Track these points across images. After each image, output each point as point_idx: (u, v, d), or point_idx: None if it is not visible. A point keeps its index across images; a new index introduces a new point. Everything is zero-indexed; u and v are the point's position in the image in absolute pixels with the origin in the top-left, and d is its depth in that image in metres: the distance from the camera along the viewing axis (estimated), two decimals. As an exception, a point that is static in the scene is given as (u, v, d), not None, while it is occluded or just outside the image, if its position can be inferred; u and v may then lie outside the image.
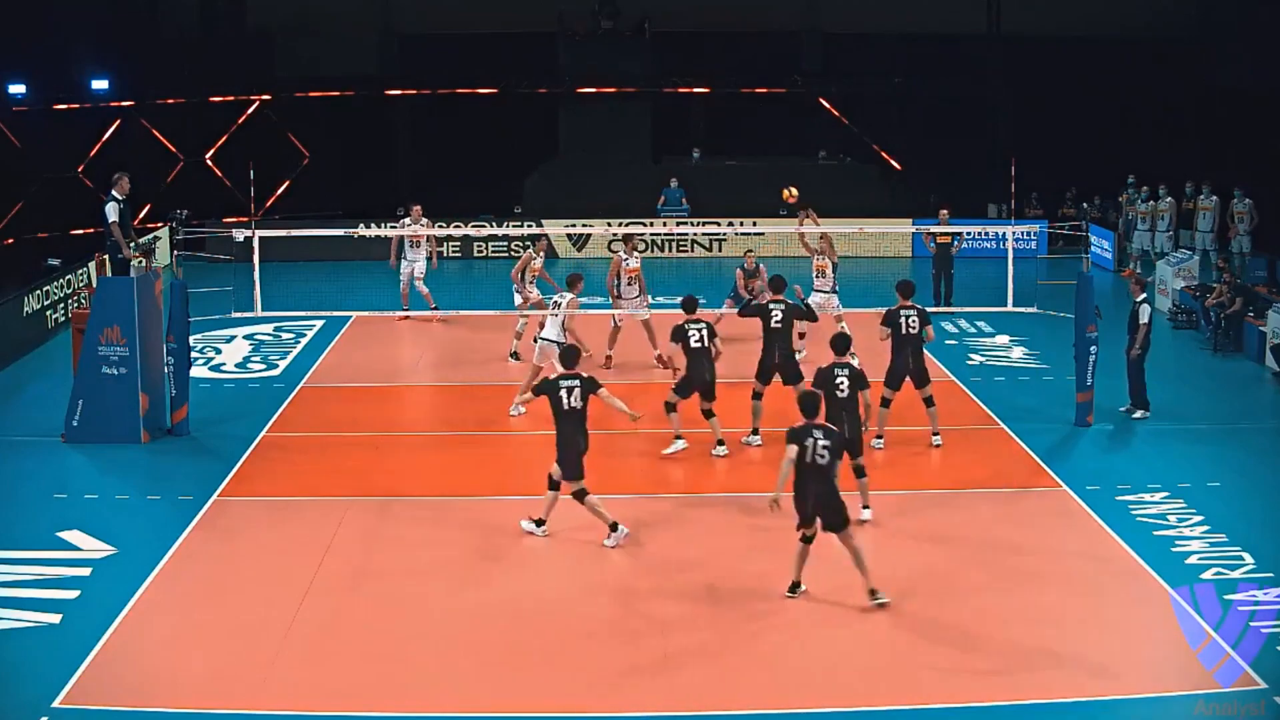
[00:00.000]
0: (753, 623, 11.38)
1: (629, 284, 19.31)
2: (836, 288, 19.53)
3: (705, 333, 15.31)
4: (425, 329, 21.32)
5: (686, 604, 11.70)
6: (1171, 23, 32.67)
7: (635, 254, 19.51)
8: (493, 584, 12.23)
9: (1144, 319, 16.80)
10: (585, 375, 12.83)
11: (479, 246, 29.88)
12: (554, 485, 12.86)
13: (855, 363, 13.56)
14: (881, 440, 15.73)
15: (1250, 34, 30.38)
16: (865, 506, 13.33)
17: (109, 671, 10.51)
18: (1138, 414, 17.01)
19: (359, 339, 21.53)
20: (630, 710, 10.05)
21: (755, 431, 15.83)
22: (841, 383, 13.08)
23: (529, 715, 10.08)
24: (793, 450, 11.31)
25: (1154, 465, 15.38)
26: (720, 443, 15.48)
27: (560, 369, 12.88)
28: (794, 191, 20.15)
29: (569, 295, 17.12)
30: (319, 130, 33.10)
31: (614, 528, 12.77)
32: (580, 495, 12.75)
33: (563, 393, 12.61)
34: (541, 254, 19.75)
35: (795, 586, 11.69)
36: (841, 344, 13.42)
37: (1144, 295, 17.10)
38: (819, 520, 11.46)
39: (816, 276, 19.57)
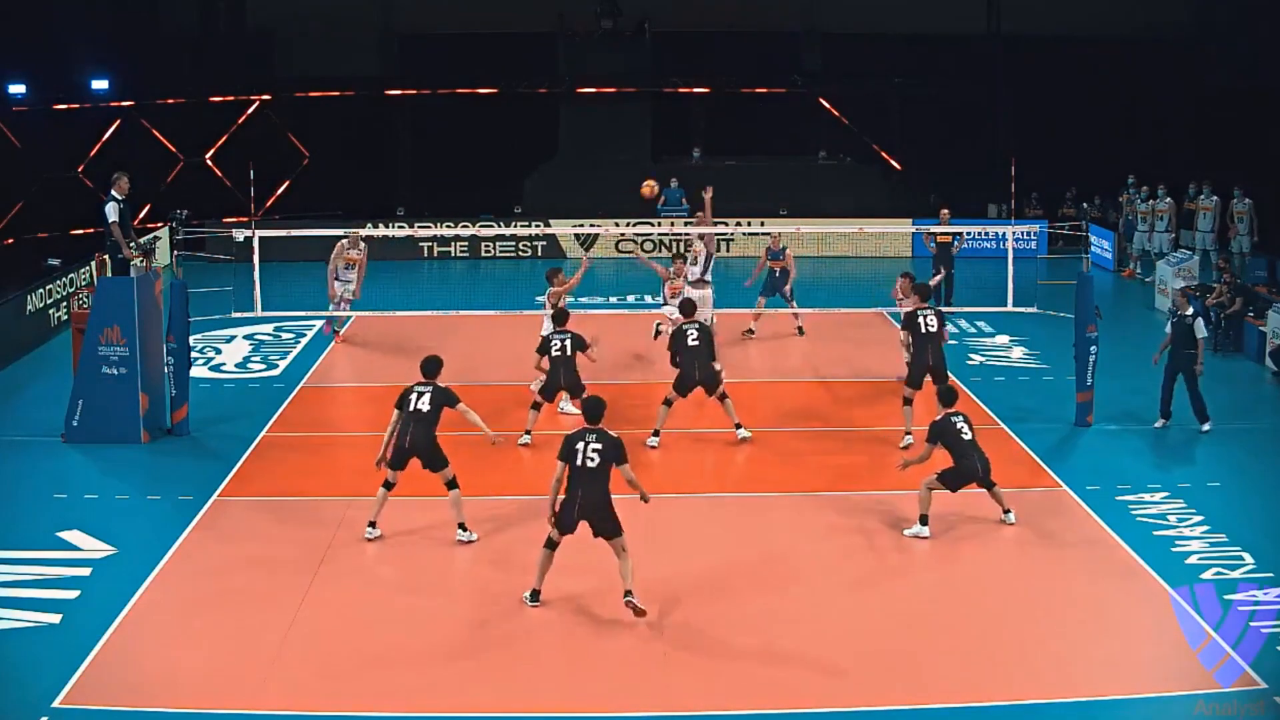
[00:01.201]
0: (751, 623, 11.39)
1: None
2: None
3: (569, 343, 15.79)
4: (429, 329, 21.25)
5: (682, 604, 11.70)
6: (1171, 23, 32.63)
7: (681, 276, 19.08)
8: (493, 584, 12.23)
9: (1201, 334, 16.36)
10: (441, 386, 13.10)
11: (486, 246, 29.94)
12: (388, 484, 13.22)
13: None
14: (911, 437, 15.75)
15: (1250, 34, 30.37)
16: (1006, 510, 13.45)
17: (109, 671, 10.52)
18: (1205, 426, 16.47)
19: (359, 339, 21.52)
20: (630, 710, 10.06)
21: (656, 434, 15.96)
22: (962, 428, 13.32)
23: (529, 715, 10.09)
24: (560, 468, 11.49)
25: (1154, 465, 15.39)
26: (527, 433, 15.89)
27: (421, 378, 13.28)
28: (653, 186, 20.13)
29: (551, 289, 17.20)
30: (319, 130, 33.08)
31: (462, 527, 13.12)
32: (449, 483, 13.16)
33: (412, 396, 13.09)
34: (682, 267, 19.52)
35: (536, 595, 11.64)
36: (951, 396, 13.63)
37: (1192, 309, 16.64)
38: (586, 525, 11.48)
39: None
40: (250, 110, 32.93)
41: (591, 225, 29.62)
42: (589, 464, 11.43)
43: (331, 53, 33.30)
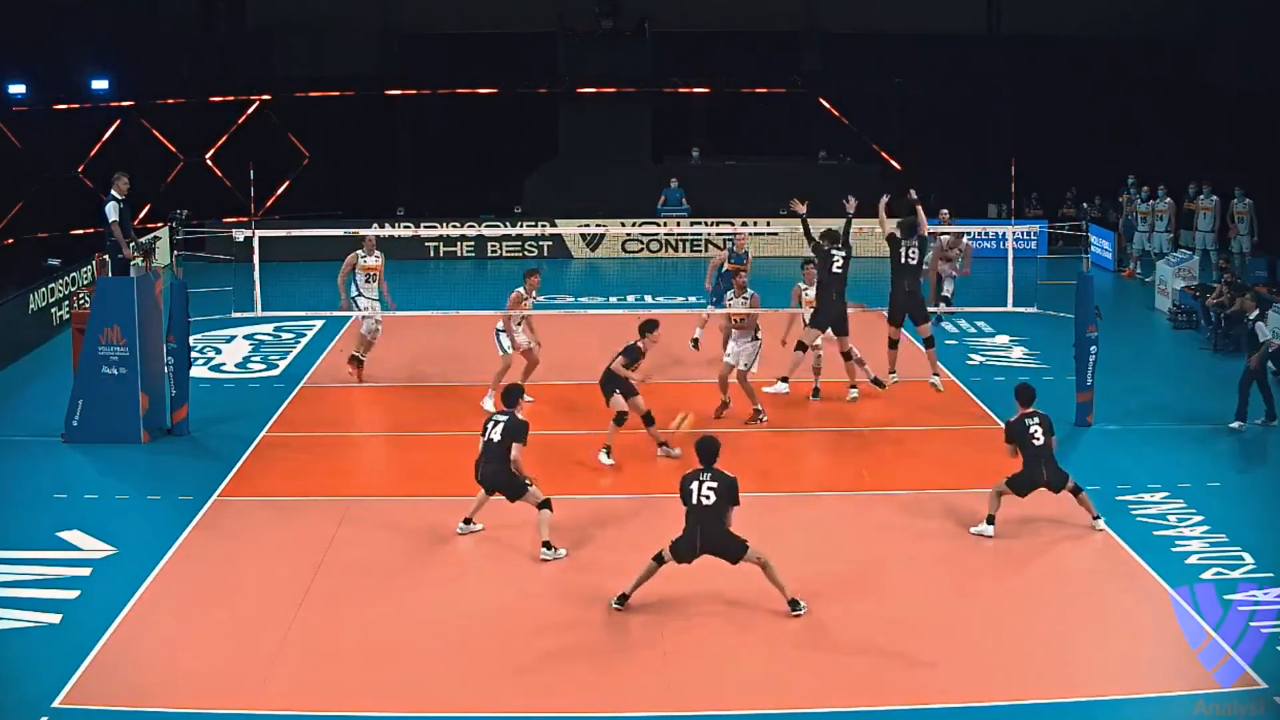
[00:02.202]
0: (751, 623, 11.39)
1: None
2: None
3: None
4: (431, 330, 21.23)
5: (683, 604, 11.69)
6: (1171, 23, 32.65)
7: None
8: (493, 584, 12.23)
9: (1263, 336, 16.44)
10: (517, 419, 12.83)
11: (492, 246, 29.98)
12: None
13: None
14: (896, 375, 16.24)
15: (1250, 34, 30.37)
16: (1096, 516, 13.31)
17: (109, 671, 10.52)
18: (1234, 424, 16.47)
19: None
20: (629, 710, 10.06)
21: (854, 386, 16.75)
22: (1035, 432, 13.15)
23: (528, 715, 10.09)
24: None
25: (1154, 465, 15.38)
26: (663, 444, 15.43)
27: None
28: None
29: (521, 289, 17.20)
30: (319, 130, 33.09)
31: (547, 545, 12.74)
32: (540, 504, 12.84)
33: (489, 423, 12.93)
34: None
35: (624, 599, 11.54)
36: (1028, 395, 13.45)
37: (1257, 312, 16.82)
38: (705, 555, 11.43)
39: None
40: (250, 110, 32.94)
41: (598, 225, 29.65)
42: (704, 501, 11.35)
43: (331, 53, 33.33)
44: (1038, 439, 13.13)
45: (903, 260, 15.85)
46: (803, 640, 11.10)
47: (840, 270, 16.33)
